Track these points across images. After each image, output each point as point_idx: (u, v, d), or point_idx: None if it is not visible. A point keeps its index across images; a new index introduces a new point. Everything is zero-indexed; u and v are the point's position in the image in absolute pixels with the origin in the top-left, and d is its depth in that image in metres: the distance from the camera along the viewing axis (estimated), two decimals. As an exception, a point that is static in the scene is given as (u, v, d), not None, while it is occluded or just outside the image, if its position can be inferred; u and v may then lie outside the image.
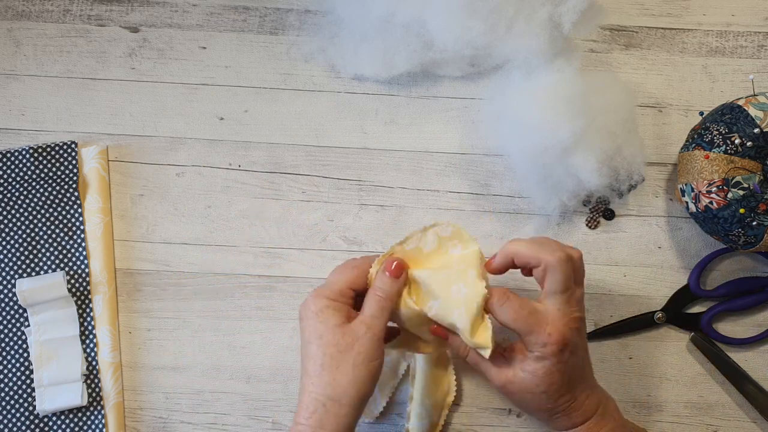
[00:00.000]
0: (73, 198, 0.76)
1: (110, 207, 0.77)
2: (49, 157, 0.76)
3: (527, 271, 0.66)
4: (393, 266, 0.64)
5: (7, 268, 0.75)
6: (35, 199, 0.75)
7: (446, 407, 0.74)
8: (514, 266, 0.66)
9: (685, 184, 0.71)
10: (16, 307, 0.74)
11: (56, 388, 0.72)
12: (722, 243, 0.73)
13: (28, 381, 0.73)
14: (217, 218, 0.77)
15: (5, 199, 0.75)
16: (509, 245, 0.65)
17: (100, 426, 0.73)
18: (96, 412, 0.73)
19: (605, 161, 0.72)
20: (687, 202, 0.72)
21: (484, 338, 0.63)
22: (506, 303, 0.63)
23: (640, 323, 0.76)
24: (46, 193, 0.76)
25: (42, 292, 0.73)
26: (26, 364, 0.73)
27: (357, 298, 0.66)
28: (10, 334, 0.74)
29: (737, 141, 0.68)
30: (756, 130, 0.68)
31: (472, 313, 0.63)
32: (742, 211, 0.68)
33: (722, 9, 0.80)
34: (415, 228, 0.66)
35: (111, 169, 0.78)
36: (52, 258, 0.75)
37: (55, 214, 0.75)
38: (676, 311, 0.76)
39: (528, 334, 0.62)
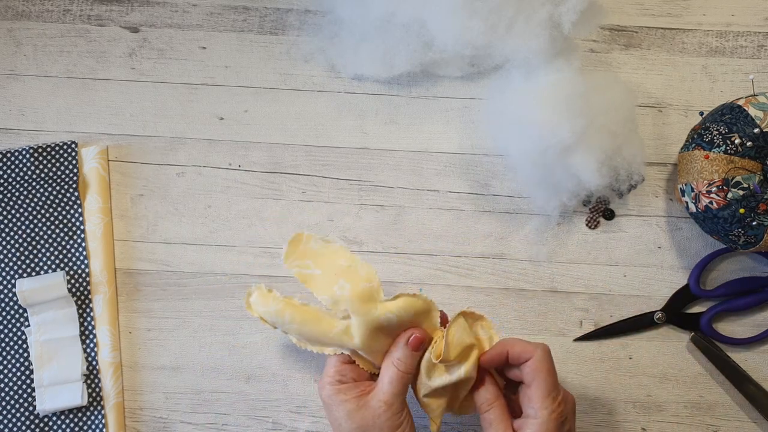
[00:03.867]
0: (73, 198, 0.76)
1: (110, 207, 0.77)
2: (49, 157, 0.76)
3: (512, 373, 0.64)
4: (412, 339, 0.62)
5: (7, 268, 0.75)
6: (35, 199, 0.75)
7: None
8: (506, 362, 0.63)
9: (685, 184, 0.71)
10: (16, 307, 0.74)
11: (56, 388, 0.72)
12: (722, 243, 0.73)
13: (28, 381, 0.73)
14: (217, 218, 0.77)
15: (5, 199, 0.75)
16: (503, 340, 0.63)
17: (100, 426, 0.73)
18: (96, 412, 0.73)
19: (605, 161, 0.72)
20: (687, 202, 0.72)
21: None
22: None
23: (640, 323, 0.76)
24: (46, 193, 0.76)
25: (42, 292, 0.73)
26: (26, 364, 0.73)
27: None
28: (10, 334, 0.74)
29: (737, 141, 0.68)
30: (756, 130, 0.68)
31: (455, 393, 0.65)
32: (742, 211, 0.68)
33: (722, 9, 0.80)
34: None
35: (111, 169, 0.78)
36: (52, 258, 0.75)
37: (55, 214, 0.75)
38: (676, 311, 0.76)
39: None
